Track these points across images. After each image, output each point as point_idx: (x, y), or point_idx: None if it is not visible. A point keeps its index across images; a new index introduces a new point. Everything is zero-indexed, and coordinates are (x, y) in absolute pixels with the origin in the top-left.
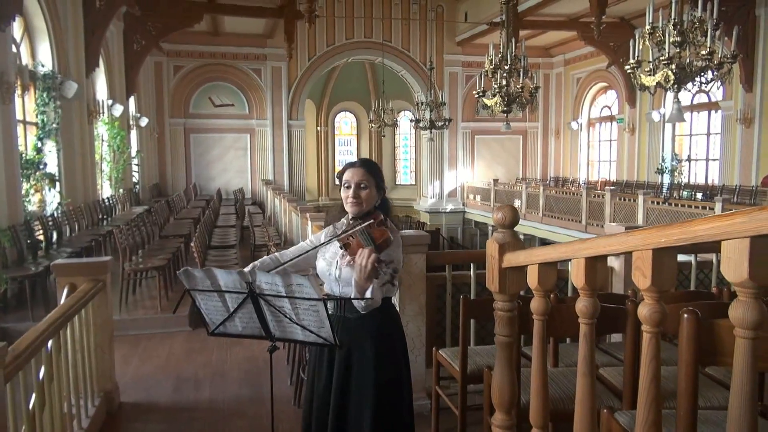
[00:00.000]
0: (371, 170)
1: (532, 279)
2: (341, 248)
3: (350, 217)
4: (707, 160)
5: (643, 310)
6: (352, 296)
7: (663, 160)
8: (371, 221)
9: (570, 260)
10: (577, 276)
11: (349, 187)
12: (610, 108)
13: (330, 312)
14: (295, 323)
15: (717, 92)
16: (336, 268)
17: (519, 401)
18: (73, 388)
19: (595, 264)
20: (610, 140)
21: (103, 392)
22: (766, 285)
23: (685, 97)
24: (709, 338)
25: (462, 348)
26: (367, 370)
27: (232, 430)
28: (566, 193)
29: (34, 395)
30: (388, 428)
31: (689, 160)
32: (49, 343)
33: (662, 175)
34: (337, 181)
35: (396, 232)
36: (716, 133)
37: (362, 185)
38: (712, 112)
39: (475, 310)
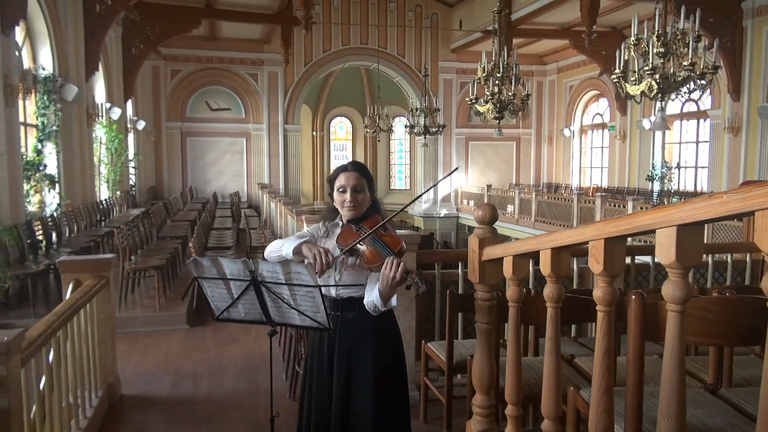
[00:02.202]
0: (364, 173)
1: (508, 269)
2: (344, 253)
3: (346, 221)
4: (696, 167)
5: (597, 292)
6: (372, 301)
7: (653, 167)
8: (378, 227)
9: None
10: (544, 265)
11: (344, 192)
12: (602, 115)
13: (327, 312)
14: (293, 308)
15: (705, 101)
16: (336, 272)
17: (498, 384)
18: (78, 379)
19: (560, 254)
20: (602, 147)
21: (106, 384)
22: (690, 266)
23: (674, 105)
24: (653, 316)
25: (448, 338)
26: (368, 366)
27: (229, 421)
28: (558, 199)
29: (43, 378)
30: (390, 420)
31: (679, 167)
32: (58, 334)
33: (652, 182)
34: (327, 185)
35: (395, 232)
36: (705, 141)
37: (358, 189)
38: (701, 120)
39: (460, 303)
